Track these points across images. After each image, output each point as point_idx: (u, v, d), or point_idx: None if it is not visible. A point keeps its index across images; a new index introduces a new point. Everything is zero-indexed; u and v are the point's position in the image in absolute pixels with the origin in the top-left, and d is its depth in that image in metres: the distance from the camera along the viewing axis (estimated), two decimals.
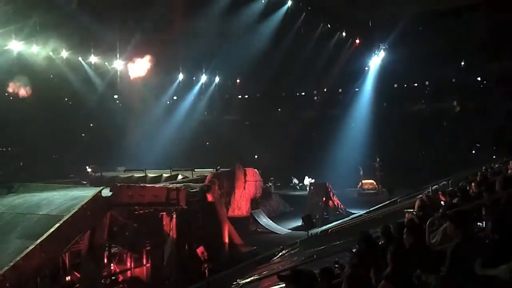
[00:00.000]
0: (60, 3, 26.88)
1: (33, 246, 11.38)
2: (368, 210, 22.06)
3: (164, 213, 15.23)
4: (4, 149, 29.70)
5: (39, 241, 11.53)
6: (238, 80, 42.97)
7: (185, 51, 33.92)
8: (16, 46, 25.95)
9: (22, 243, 11.73)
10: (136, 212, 14.56)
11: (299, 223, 21.74)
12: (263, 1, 35.22)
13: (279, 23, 35.12)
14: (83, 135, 31.04)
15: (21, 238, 12.13)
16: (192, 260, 14.68)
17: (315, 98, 43.84)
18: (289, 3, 34.52)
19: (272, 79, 38.63)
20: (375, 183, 33.07)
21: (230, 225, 18.56)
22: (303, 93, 44.30)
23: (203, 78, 40.02)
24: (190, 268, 14.94)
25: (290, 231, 23.23)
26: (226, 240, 17.74)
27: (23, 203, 13.85)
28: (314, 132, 39.58)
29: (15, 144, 29.03)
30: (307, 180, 32.21)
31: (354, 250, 7.24)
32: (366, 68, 39.83)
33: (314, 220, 19.51)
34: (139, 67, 31.65)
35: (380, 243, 6.76)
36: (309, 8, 35.40)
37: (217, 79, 40.77)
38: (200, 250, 13.11)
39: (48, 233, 11.79)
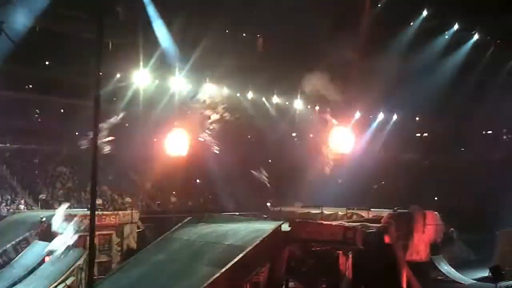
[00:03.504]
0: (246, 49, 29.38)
1: (218, 274, 12.23)
2: None
3: (340, 252, 15.15)
4: (195, 181, 32.73)
5: (224, 269, 12.37)
6: (417, 118, 41.43)
7: (363, 89, 34.05)
8: (209, 88, 28.89)
9: (209, 271, 12.68)
10: (312, 249, 14.74)
11: (484, 273, 20.02)
12: (446, 37, 33.99)
13: (463, 58, 33.45)
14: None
15: (209, 265, 13.11)
16: None
17: (504, 137, 40.22)
18: (476, 37, 32.71)
19: (455, 117, 36.56)
20: None
21: (409, 270, 17.67)
22: (490, 132, 40.94)
23: (381, 116, 39.47)
24: None
25: (474, 281, 21.31)
26: (404, 285, 16.91)
27: (212, 233, 15.01)
28: (503, 175, 36.02)
29: (205, 177, 31.80)
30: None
31: None
32: None
33: (503, 272, 17.70)
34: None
35: None
36: (498, 41, 33.12)
37: (395, 116, 39.87)
38: None
39: (232, 262, 12.59)
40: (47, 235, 17.84)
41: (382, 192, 34.12)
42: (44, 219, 18.25)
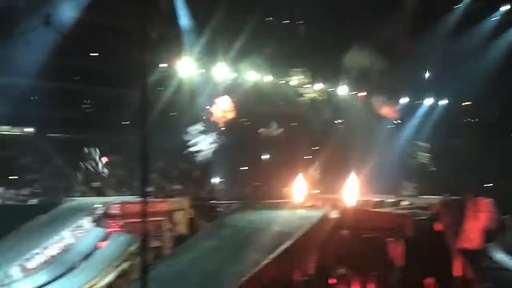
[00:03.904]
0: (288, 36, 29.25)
1: (267, 261, 12.35)
2: None
3: (390, 239, 15.01)
4: (244, 168, 33.07)
5: (273, 256, 12.47)
6: (467, 103, 40.26)
7: (410, 73, 33.38)
8: (252, 76, 28.99)
9: (258, 257, 12.81)
10: (362, 236, 14.66)
11: None
12: (496, 18, 32.84)
13: None
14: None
15: (258, 252, 13.24)
16: None
17: None
18: None
19: (506, 101, 35.29)
20: None
21: (461, 258, 17.34)
22: None
23: (428, 101, 38.56)
24: None
25: None
26: (457, 274, 16.61)
27: (261, 219, 15.18)
28: None
29: (251, 164, 32.08)
30: None
31: None
32: None
33: None
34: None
35: None
36: None
37: (443, 102, 38.87)
38: (428, 281, 12.60)
39: (281, 248, 12.67)
40: (101, 221, 18.45)
41: (432, 179, 33.42)
42: (97, 206, 18.83)
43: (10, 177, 26.85)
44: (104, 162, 29.68)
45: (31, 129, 31.41)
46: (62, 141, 31.73)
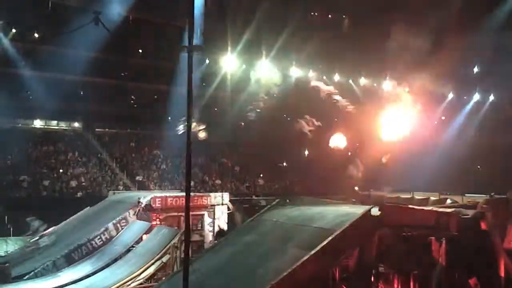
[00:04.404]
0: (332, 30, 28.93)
1: (307, 256, 12.29)
2: None
3: (433, 238, 14.67)
4: (281, 164, 33.06)
5: (313, 252, 12.40)
6: None
7: (457, 67, 32.46)
8: (295, 72, 28.88)
9: (298, 253, 12.76)
10: (404, 234, 14.40)
11: None
12: None
13: None
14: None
15: (297, 247, 13.20)
16: None
17: None
18: None
19: None
20: None
21: (507, 258, 16.78)
22: None
23: (476, 97, 37.45)
24: None
25: None
26: (503, 274, 16.09)
27: (300, 215, 15.10)
28: None
29: (289, 160, 32.05)
30: None
31: None
32: None
33: None
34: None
35: None
36: None
37: (491, 97, 37.67)
38: (473, 281, 12.27)
39: (321, 245, 12.58)
40: (144, 214, 18.88)
41: (478, 177, 32.51)
42: (141, 199, 19.26)
43: (58, 171, 27.83)
44: (149, 156, 30.26)
45: (78, 124, 32.46)
46: (108, 136, 32.60)
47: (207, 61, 30.80)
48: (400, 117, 32.46)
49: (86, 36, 24.49)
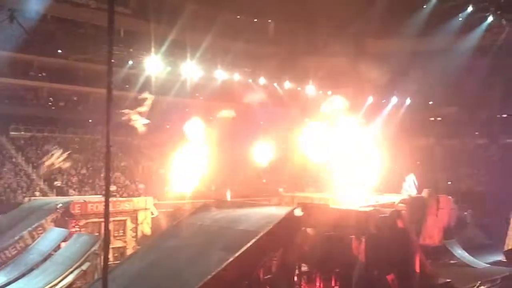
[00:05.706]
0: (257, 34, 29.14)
1: (231, 259, 12.30)
2: None
3: (353, 236, 15.14)
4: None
5: (237, 254, 12.43)
6: (431, 102, 41.03)
7: (375, 72, 33.75)
8: (220, 75, 28.91)
9: (222, 255, 12.74)
10: (325, 234, 14.75)
11: (498, 257, 20.35)
12: (460, 19, 33.50)
13: (478, 40, 32.97)
14: None
15: (222, 250, 13.17)
16: (381, 287, 14.32)
17: None
18: (490, 19, 32.15)
19: (468, 101, 36.10)
20: None
21: (422, 254, 17.64)
22: (505, 115, 40.37)
23: (394, 100, 39.11)
24: None
25: (488, 265, 21.25)
26: (418, 269, 16.88)
27: (225, 218, 15.10)
28: None
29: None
30: None
31: None
32: None
33: None
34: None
35: None
36: None
37: (408, 100, 39.48)
38: (390, 277, 12.76)
39: (245, 247, 12.64)
40: (63, 221, 18.09)
41: (395, 177, 33.92)
42: (59, 205, 18.46)
43: None
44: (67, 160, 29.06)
45: None
46: (24, 139, 31.00)
47: (130, 62, 30.10)
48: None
49: (1, 34, 23.33)
